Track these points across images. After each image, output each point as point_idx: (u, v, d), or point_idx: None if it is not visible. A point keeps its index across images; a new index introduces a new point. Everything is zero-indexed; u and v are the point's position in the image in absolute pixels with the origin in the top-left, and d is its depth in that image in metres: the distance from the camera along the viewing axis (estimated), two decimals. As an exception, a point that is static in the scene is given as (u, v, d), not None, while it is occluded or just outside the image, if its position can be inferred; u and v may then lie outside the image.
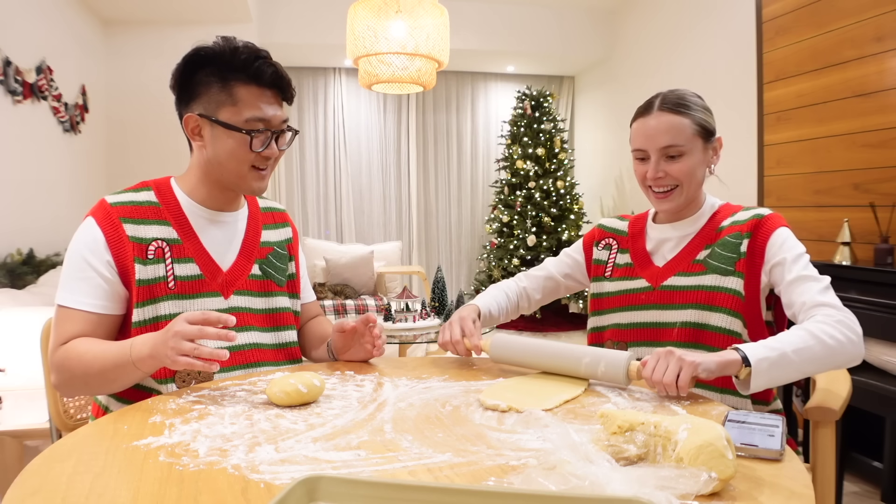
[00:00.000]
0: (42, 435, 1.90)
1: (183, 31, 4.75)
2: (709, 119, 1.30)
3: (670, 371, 0.99)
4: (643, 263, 1.37)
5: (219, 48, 1.17)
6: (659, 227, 1.38)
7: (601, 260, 1.45)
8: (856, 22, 2.93)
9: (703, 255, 1.29)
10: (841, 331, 1.07)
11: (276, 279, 1.33)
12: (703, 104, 1.32)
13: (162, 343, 1.00)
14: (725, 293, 1.23)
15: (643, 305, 1.33)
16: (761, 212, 1.27)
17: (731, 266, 1.24)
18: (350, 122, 6.34)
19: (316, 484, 0.62)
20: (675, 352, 1.00)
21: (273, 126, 1.20)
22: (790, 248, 1.21)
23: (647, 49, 5.15)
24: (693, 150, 1.27)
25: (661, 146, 1.27)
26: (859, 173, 2.92)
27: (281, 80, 1.20)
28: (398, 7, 3.19)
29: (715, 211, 1.34)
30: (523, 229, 5.67)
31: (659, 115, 1.28)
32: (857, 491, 2.43)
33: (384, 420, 0.93)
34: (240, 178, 1.21)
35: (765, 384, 1.02)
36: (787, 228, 1.24)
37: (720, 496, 0.66)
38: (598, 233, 1.49)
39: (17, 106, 3.38)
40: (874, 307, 2.30)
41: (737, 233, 1.26)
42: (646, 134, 1.29)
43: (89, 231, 1.16)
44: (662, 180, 1.29)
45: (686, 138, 1.27)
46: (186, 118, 1.20)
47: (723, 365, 1.01)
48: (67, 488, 0.70)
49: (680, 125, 1.27)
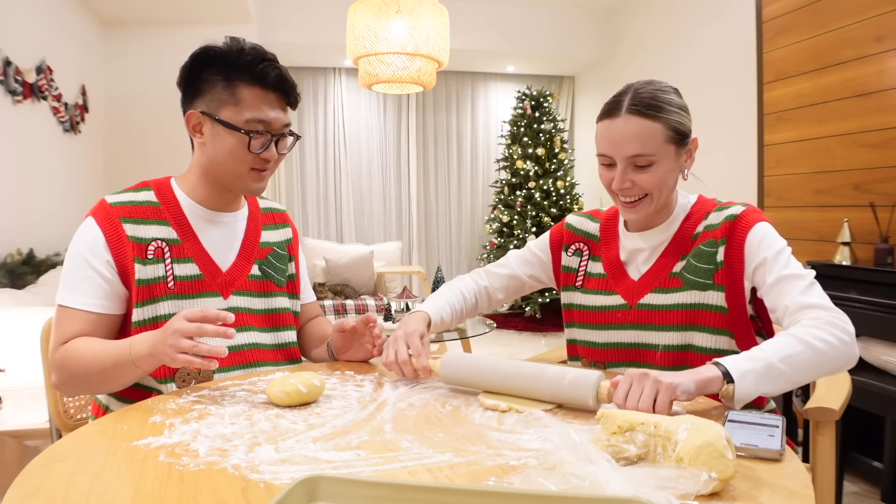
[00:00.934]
0: (42, 435, 1.90)
1: (183, 31, 4.75)
2: (683, 120, 1.16)
3: (646, 395, 0.89)
4: (617, 275, 1.27)
5: (226, 48, 1.18)
6: (631, 236, 1.27)
7: (571, 267, 1.34)
8: (856, 22, 2.93)
9: (678, 267, 1.20)
10: (831, 332, 0.98)
11: (276, 279, 1.33)
12: (679, 102, 1.17)
13: (161, 341, 1.00)
14: (707, 310, 1.15)
15: (620, 325, 1.23)
16: (734, 211, 1.17)
17: (710, 279, 1.15)
18: (350, 122, 6.34)
19: (316, 484, 0.62)
20: (650, 373, 0.91)
21: (274, 129, 1.20)
22: (768, 245, 1.11)
23: (647, 49, 5.15)
24: (664, 158, 1.14)
25: (628, 155, 1.13)
26: (859, 173, 2.92)
27: (285, 84, 1.21)
28: (398, 7, 3.19)
29: (688, 213, 1.23)
30: (523, 229, 5.67)
31: (627, 118, 1.13)
32: (857, 491, 2.43)
33: (384, 420, 0.92)
34: (237, 179, 1.21)
35: (753, 397, 0.94)
36: (762, 223, 1.14)
37: (720, 496, 0.66)
38: (568, 235, 1.36)
39: (17, 106, 3.38)
40: (874, 307, 2.30)
41: (710, 240, 1.17)
42: (611, 140, 1.15)
43: (89, 231, 1.16)
44: (630, 190, 1.16)
45: (657, 146, 1.13)
46: (188, 115, 1.20)
47: (702, 384, 0.92)
48: (67, 488, 0.70)
49: (650, 132, 1.12)
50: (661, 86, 1.17)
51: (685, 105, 1.18)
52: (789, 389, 1.01)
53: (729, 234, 1.15)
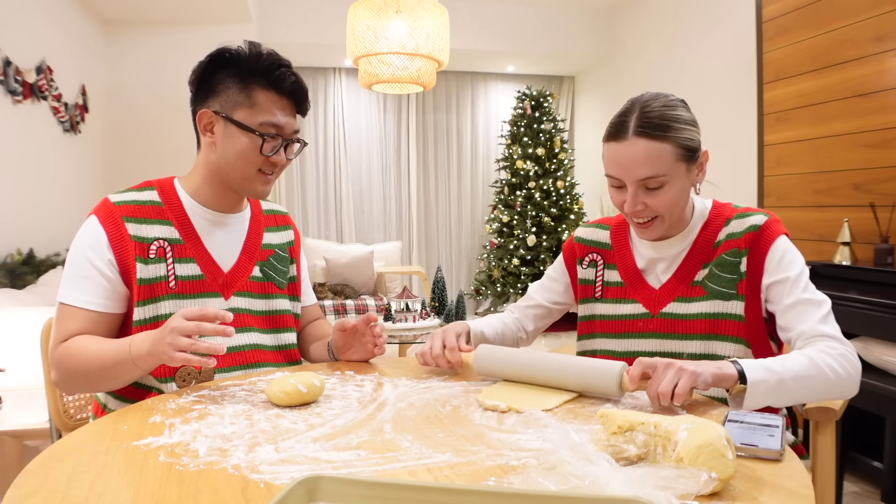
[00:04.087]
0: (42, 435, 1.90)
1: (183, 31, 4.75)
2: (692, 136, 1.13)
3: (668, 380, 0.93)
4: (635, 283, 1.26)
5: (244, 51, 1.19)
6: (647, 244, 1.26)
7: (588, 280, 1.33)
8: (856, 22, 2.93)
9: (701, 275, 1.20)
10: (842, 364, 1.02)
11: (277, 281, 1.33)
12: (688, 116, 1.14)
13: (159, 340, 1.01)
14: (728, 319, 1.15)
15: (642, 334, 1.23)
16: (756, 221, 1.17)
17: (733, 289, 1.16)
18: (350, 122, 6.34)
19: (316, 484, 0.62)
20: (675, 362, 0.96)
21: (285, 134, 1.21)
22: (789, 263, 1.13)
23: (647, 49, 5.15)
24: (676, 177, 1.12)
25: (638, 178, 1.11)
26: (859, 173, 2.92)
27: (299, 92, 1.23)
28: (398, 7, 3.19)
29: (706, 220, 1.22)
30: (523, 229, 5.67)
31: (635, 141, 1.10)
32: (857, 491, 2.43)
33: (384, 420, 0.93)
34: (245, 180, 1.22)
35: (756, 406, 0.97)
36: (784, 237, 1.16)
37: (720, 496, 0.66)
38: (580, 248, 1.35)
39: (17, 106, 3.38)
40: (874, 307, 2.30)
41: (734, 250, 1.17)
42: (619, 163, 1.13)
43: (92, 230, 1.16)
44: (643, 212, 1.15)
45: (667, 167, 1.11)
46: (200, 113, 1.21)
47: (718, 378, 0.96)
48: (67, 488, 0.70)
49: (659, 153, 1.10)
50: (668, 101, 1.14)
51: (693, 119, 1.16)
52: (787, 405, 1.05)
53: (752, 245, 1.16)
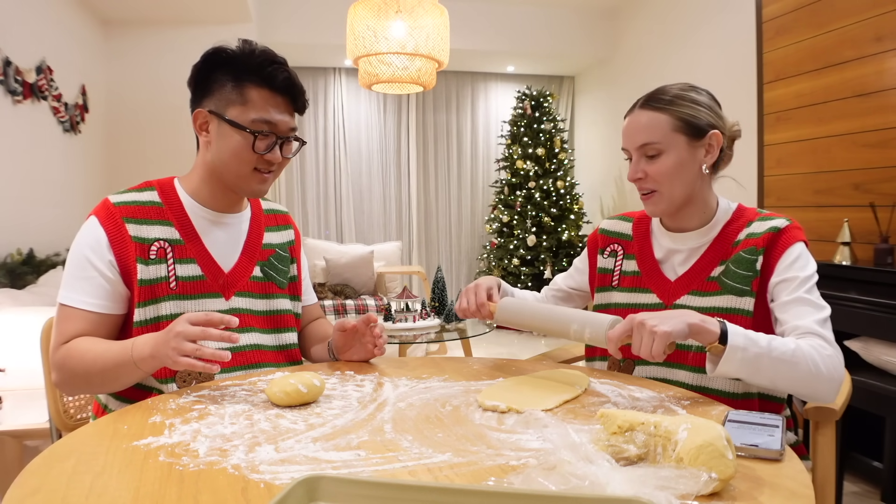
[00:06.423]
0: (42, 435, 1.90)
1: (183, 31, 4.75)
2: (697, 114, 1.20)
3: (644, 346, 0.97)
4: (651, 273, 1.30)
5: (238, 49, 1.20)
6: (668, 235, 1.30)
7: (606, 268, 1.37)
8: (856, 22, 2.93)
9: (717, 271, 1.22)
10: (827, 366, 1.02)
11: (278, 281, 1.33)
12: (698, 98, 1.22)
13: (163, 343, 1.00)
14: (739, 315, 1.17)
15: None
16: (778, 224, 1.19)
17: (748, 285, 1.18)
18: (350, 122, 6.34)
19: (316, 484, 0.62)
20: (646, 322, 0.97)
21: (279, 132, 1.21)
22: (800, 267, 1.15)
23: (647, 49, 5.15)
24: (672, 148, 1.19)
25: (637, 145, 1.21)
26: (859, 173, 2.92)
27: (293, 88, 1.22)
28: (398, 7, 3.19)
29: (729, 219, 1.25)
30: (523, 229, 5.67)
31: (639, 113, 1.22)
32: (857, 491, 2.43)
33: (384, 420, 0.93)
34: (240, 179, 1.22)
35: (729, 374, 1.00)
36: (802, 244, 1.17)
37: (720, 496, 0.66)
38: (602, 239, 1.41)
39: (17, 106, 3.38)
40: (874, 307, 2.30)
41: (752, 248, 1.19)
42: (626, 133, 1.24)
43: (92, 230, 1.16)
44: (643, 181, 1.22)
45: (662, 135, 1.19)
46: (196, 113, 1.21)
47: (697, 329, 0.98)
48: (67, 488, 0.70)
49: (655, 121, 1.19)
50: (687, 85, 1.24)
51: (707, 102, 1.23)
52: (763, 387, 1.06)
53: (769, 245, 1.18)
